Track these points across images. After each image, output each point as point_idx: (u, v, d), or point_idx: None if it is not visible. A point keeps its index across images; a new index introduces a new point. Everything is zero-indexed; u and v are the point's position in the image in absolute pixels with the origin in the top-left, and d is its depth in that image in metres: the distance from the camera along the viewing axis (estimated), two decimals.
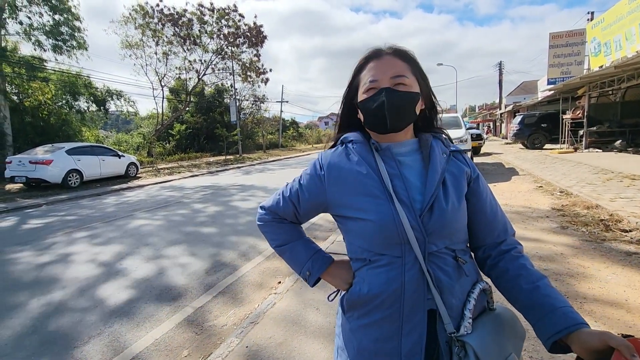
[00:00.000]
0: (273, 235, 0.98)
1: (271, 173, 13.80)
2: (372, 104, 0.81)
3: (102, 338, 2.52)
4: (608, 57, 12.36)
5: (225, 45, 23.26)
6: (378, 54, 0.84)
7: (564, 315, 0.70)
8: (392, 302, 0.77)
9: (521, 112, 22.16)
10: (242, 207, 7.17)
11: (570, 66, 16.79)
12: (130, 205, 7.96)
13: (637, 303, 2.43)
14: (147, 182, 12.21)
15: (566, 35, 16.75)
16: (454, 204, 0.78)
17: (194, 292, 3.24)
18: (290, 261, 0.98)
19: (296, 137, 44.14)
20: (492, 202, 0.88)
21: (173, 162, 20.59)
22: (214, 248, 4.49)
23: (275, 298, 2.89)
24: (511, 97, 39.42)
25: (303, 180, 0.92)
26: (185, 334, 2.53)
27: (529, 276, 0.79)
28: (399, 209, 0.75)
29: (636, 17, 10.23)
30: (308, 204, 0.91)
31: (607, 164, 9.14)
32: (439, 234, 0.76)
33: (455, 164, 0.85)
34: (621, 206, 4.87)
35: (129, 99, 20.79)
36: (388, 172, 0.80)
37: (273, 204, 0.97)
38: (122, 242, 4.94)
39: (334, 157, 0.87)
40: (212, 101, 28.60)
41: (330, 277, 0.92)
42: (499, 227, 0.86)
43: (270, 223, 0.98)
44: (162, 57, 21.52)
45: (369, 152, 0.85)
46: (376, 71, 0.82)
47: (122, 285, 3.43)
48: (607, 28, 12.24)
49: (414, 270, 0.75)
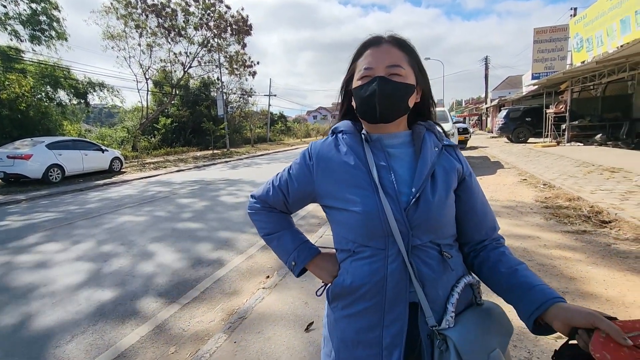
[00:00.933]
0: (262, 224, 0.98)
1: (259, 167, 13.71)
2: (364, 92, 0.80)
3: (86, 336, 2.46)
4: (590, 52, 12.63)
5: (211, 37, 22.84)
6: (377, 41, 0.83)
7: (541, 292, 0.71)
8: (374, 293, 0.77)
9: (506, 106, 22.52)
10: (229, 201, 7.10)
11: (554, 61, 17.10)
12: (115, 200, 7.79)
13: (616, 292, 2.51)
14: (132, 177, 11.96)
15: (550, 31, 17.02)
16: (441, 197, 0.78)
17: (181, 288, 3.20)
18: (277, 250, 0.98)
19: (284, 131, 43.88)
20: (482, 200, 0.88)
21: (159, 157, 20.21)
22: (201, 243, 4.43)
23: (263, 293, 2.88)
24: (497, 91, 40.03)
25: (293, 169, 0.91)
26: (173, 331, 2.50)
27: (508, 262, 0.80)
28: (384, 201, 0.75)
29: (617, 13, 10.45)
30: (297, 194, 0.91)
31: (588, 157, 9.39)
32: (424, 228, 0.76)
33: (447, 158, 0.84)
34: (601, 198, 5.01)
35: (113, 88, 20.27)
36: (376, 164, 0.80)
37: (263, 192, 0.97)
38: (106, 238, 4.83)
39: (323, 147, 0.87)
40: (198, 94, 28.11)
41: (315, 269, 0.93)
42: (487, 224, 0.87)
43: (260, 212, 0.98)
44: (146, 49, 21.02)
45: (359, 143, 0.84)
46: (372, 59, 0.81)
47: (106, 283, 3.36)
48: (589, 24, 12.48)
49: (396, 262, 0.76)
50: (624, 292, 2.49)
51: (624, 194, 5.15)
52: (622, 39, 10.25)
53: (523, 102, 21.42)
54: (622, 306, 2.32)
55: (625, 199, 4.86)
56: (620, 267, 2.91)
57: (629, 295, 2.46)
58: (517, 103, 22.27)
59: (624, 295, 2.45)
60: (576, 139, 13.80)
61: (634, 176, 6.23)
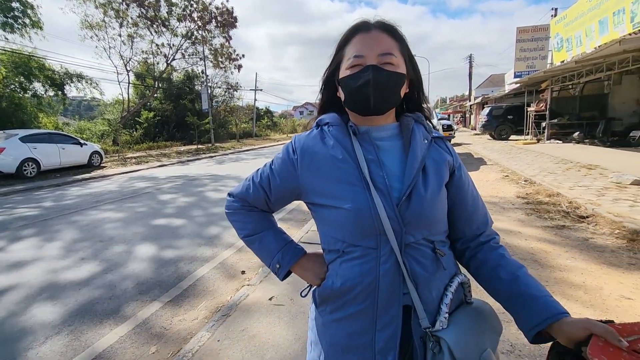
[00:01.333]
0: (241, 225, 0.91)
1: (245, 163, 13.54)
2: (356, 82, 0.74)
3: (61, 338, 2.36)
4: (569, 52, 12.96)
5: (195, 29, 22.30)
6: (366, 27, 0.77)
7: (545, 305, 0.68)
8: (365, 296, 0.73)
9: (489, 104, 22.95)
10: (214, 197, 6.97)
11: (535, 60, 17.51)
12: (94, 196, 7.54)
13: (594, 284, 2.59)
14: (113, 172, 11.61)
15: (532, 30, 17.40)
16: (434, 191, 0.74)
17: (163, 285, 3.11)
18: (259, 252, 0.92)
19: (270, 126, 43.52)
20: (473, 193, 0.84)
21: (141, 151, 19.70)
22: (185, 240, 4.33)
23: (248, 290, 2.83)
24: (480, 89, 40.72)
25: (275, 164, 0.85)
26: (153, 330, 2.43)
27: (508, 266, 0.77)
28: (375, 197, 0.71)
29: (596, 14, 10.74)
30: (280, 191, 0.85)
31: (567, 155, 9.68)
32: (417, 224, 0.72)
33: (437, 150, 0.81)
34: (579, 194, 5.16)
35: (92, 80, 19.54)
36: (365, 157, 0.75)
37: (242, 190, 0.90)
38: (84, 235, 4.66)
39: (308, 141, 0.82)
40: (182, 88, 27.48)
41: (301, 271, 0.88)
42: (479, 219, 0.83)
43: (239, 211, 0.91)
44: (127, 40, 20.32)
45: (346, 136, 0.79)
46: (362, 46, 0.75)
47: (83, 282, 3.24)
48: (569, 24, 12.79)
49: (389, 262, 0.72)
50: (601, 285, 2.57)
51: (600, 190, 5.32)
52: (600, 39, 10.55)
53: (505, 100, 21.88)
54: (599, 299, 2.39)
55: (601, 195, 5.02)
56: (597, 260, 3.00)
57: (605, 288, 2.53)
58: (499, 101, 22.72)
59: (601, 288, 2.53)
60: (555, 136, 14.20)
61: (610, 173, 6.45)
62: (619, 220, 3.82)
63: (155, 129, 24.90)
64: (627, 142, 10.95)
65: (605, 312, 2.22)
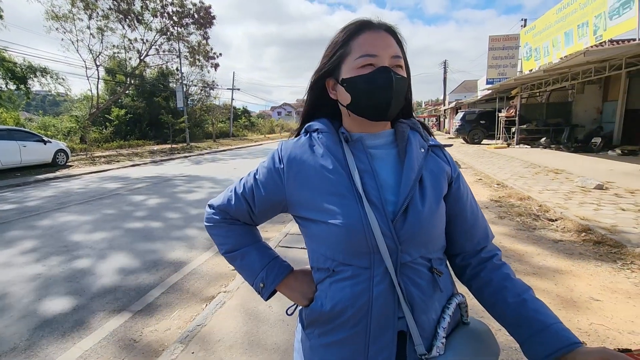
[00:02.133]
0: (222, 239, 0.84)
1: (223, 163, 13.23)
2: (372, 84, 0.68)
3: (17, 354, 2.17)
4: (538, 61, 13.59)
5: (171, 25, 21.65)
6: (374, 25, 0.71)
7: (556, 334, 0.64)
8: (357, 320, 0.68)
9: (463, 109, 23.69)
10: (189, 198, 6.75)
11: (506, 68, 18.24)
12: (59, 198, 7.11)
13: (565, 285, 2.68)
14: (80, 172, 11.03)
15: (503, 39, 18.13)
16: (432, 206, 0.69)
17: (133, 294, 2.95)
18: (242, 270, 0.84)
19: (248, 126, 42.95)
20: (472, 205, 0.79)
21: (111, 150, 18.87)
22: (158, 244, 4.14)
23: (225, 297, 2.73)
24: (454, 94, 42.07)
25: (259, 174, 0.79)
26: (122, 342, 2.28)
27: (514, 288, 0.72)
28: (369, 211, 0.65)
29: (562, 26, 11.32)
30: (264, 203, 0.78)
31: (535, 159, 10.12)
32: (414, 242, 0.67)
33: (435, 160, 0.76)
34: (548, 197, 5.38)
35: (58, 75, 18.49)
36: (358, 167, 0.69)
37: (223, 202, 0.83)
38: (47, 240, 4.36)
39: (296, 149, 0.75)
40: (155, 85, 26.58)
41: (287, 290, 0.81)
42: (479, 232, 0.79)
43: (220, 224, 0.84)
44: (97, 33, 19.43)
45: (337, 143, 0.73)
46: (374, 45, 0.68)
47: (44, 291, 3.02)
48: (538, 35, 13.42)
49: (383, 284, 0.66)
50: (571, 287, 2.66)
51: (567, 194, 5.58)
52: (565, 50, 11.13)
53: (478, 106, 22.67)
54: (570, 301, 2.47)
55: (568, 199, 5.26)
56: (566, 262, 3.11)
57: (575, 290, 2.62)
58: (472, 106, 23.51)
59: (572, 290, 2.62)
60: (524, 141, 14.83)
61: (575, 178, 6.78)
62: (585, 223, 4.00)
63: (127, 127, 23.95)
64: (589, 148, 11.59)
65: (577, 314, 2.30)
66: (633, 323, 2.17)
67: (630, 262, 3.01)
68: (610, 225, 3.91)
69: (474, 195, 0.83)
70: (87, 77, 20.07)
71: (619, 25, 8.33)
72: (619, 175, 6.90)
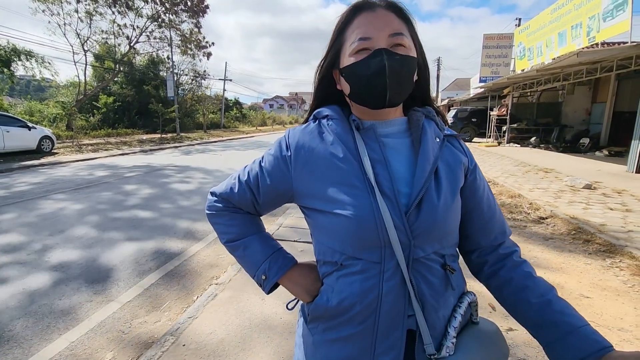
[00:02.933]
0: (224, 228, 0.79)
1: (213, 154, 13.06)
2: (366, 70, 0.63)
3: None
4: (531, 61, 13.72)
5: (163, 12, 21.13)
6: (370, 4, 0.66)
7: (585, 338, 0.59)
8: (365, 317, 0.64)
9: (455, 106, 23.84)
10: (180, 189, 6.64)
11: (499, 67, 18.34)
12: (44, 185, 6.91)
13: (556, 282, 2.71)
14: (66, 159, 10.75)
15: (497, 38, 18.20)
16: (447, 200, 0.65)
17: (122, 284, 2.88)
18: (243, 260, 0.79)
19: (239, 118, 42.44)
20: (489, 198, 0.75)
21: (98, 138, 18.42)
22: (147, 234, 4.06)
23: (216, 289, 2.68)
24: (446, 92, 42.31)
25: (265, 162, 0.74)
26: (110, 334, 2.22)
27: (537, 287, 0.68)
28: (381, 202, 0.61)
29: (556, 26, 11.42)
30: (270, 192, 0.74)
31: (525, 158, 10.25)
32: (428, 237, 0.63)
33: (451, 151, 0.71)
34: (538, 196, 5.45)
35: (44, 59, 17.91)
36: (370, 156, 0.65)
37: (226, 189, 0.78)
38: (32, 228, 4.23)
39: (304, 136, 0.71)
40: (145, 73, 25.99)
41: (290, 284, 0.76)
42: (496, 227, 0.74)
43: (222, 213, 0.79)
44: (85, 17, 18.84)
45: (348, 131, 0.69)
46: (368, 26, 0.63)
47: (28, 280, 2.92)
48: (532, 34, 13.52)
49: (394, 280, 0.62)
50: (562, 284, 2.70)
51: (556, 193, 5.66)
52: (558, 50, 11.24)
53: (470, 104, 22.84)
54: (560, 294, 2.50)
55: (558, 197, 5.33)
56: (557, 260, 3.16)
57: (566, 287, 2.66)
58: (464, 104, 23.68)
59: (562, 287, 2.65)
60: (514, 140, 15.02)
61: (564, 177, 6.89)
62: (575, 222, 4.06)
63: (115, 115, 23.41)
64: (577, 149, 11.79)
65: None
66: (622, 320, 2.21)
67: (619, 261, 3.06)
68: (599, 224, 3.98)
69: (490, 189, 0.78)
70: (74, 62, 19.50)
71: (612, 27, 8.44)
72: (606, 176, 7.04)
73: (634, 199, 5.18)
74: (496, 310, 2.31)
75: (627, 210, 4.58)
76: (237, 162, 10.19)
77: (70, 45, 19.10)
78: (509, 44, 17.52)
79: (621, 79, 11.32)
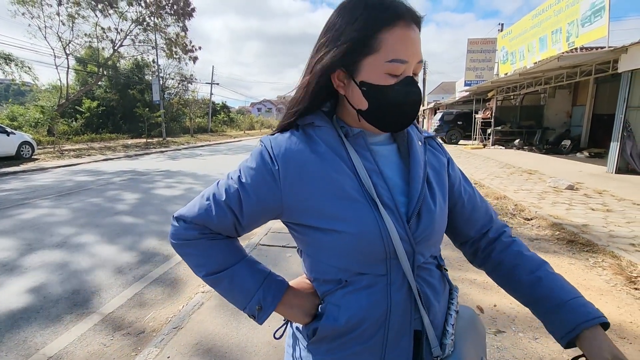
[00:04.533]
0: (202, 259, 0.68)
1: (201, 159, 12.90)
2: (399, 97, 0.59)
3: None
4: (513, 65, 14.06)
5: (147, 15, 20.87)
6: (410, 15, 0.58)
7: (575, 310, 0.61)
8: (374, 330, 0.62)
9: (441, 110, 24.20)
10: (165, 194, 6.51)
11: (483, 71, 18.75)
12: (24, 192, 6.68)
13: None
14: (47, 165, 10.45)
15: (481, 42, 18.61)
16: (441, 204, 0.66)
17: (104, 294, 2.79)
18: (231, 293, 0.69)
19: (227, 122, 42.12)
20: (466, 189, 0.75)
21: (81, 143, 18.02)
22: (131, 241, 3.95)
23: (202, 297, 2.62)
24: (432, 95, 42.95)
25: (246, 177, 0.64)
26: (91, 347, 2.14)
27: (527, 265, 0.69)
28: (384, 215, 0.59)
29: (537, 32, 11.75)
30: (255, 212, 0.65)
31: (510, 160, 10.46)
32: (428, 242, 0.64)
33: (433, 154, 0.72)
34: (523, 197, 5.55)
35: (23, 63, 17.44)
36: (365, 166, 0.62)
37: (200, 213, 0.66)
38: (9, 237, 4.08)
39: (291, 145, 0.63)
40: (130, 77, 25.58)
41: (286, 309, 0.69)
42: (480, 216, 0.75)
43: (197, 242, 0.67)
44: (67, 20, 18.44)
45: (337, 139, 0.64)
46: (407, 48, 0.57)
47: (4, 290, 2.80)
48: (514, 39, 13.88)
49: (402, 290, 0.62)
50: None
51: (540, 194, 5.78)
52: (540, 55, 11.56)
53: (455, 107, 23.21)
54: None
55: (542, 199, 5.44)
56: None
57: None
58: (450, 107, 24.03)
59: None
60: (499, 142, 15.33)
61: (547, 178, 7.04)
62: (559, 222, 4.14)
63: (99, 119, 22.96)
64: (559, 150, 12.11)
65: None
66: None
67: (602, 260, 3.13)
68: (581, 224, 4.07)
69: (466, 176, 0.78)
70: (55, 66, 19.02)
71: (591, 32, 8.72)
72: (587, 177, 7.23)
73: (614, 199, 5.32)
74: (484, 312, 2.32)
75: (608, 210, 4.70)
76: (224, 166, 10.08)
77: (51, 48, 18.64)
78: (493, 48, 17.93)
79: (599, 83, 11.70)
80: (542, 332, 2.09)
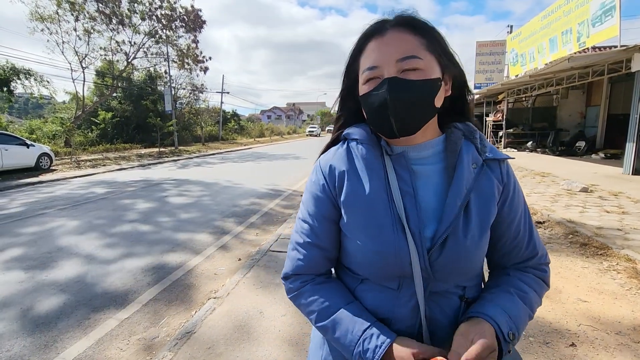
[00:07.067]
0: (308, 307, 0.70)
1: (211, 167, 13.10)
2: (374, 102, 0.61)
3: None
4: (524, 67, 13.90)
5: (160, 28, 21.45)
6: (380, 28, 0.62)
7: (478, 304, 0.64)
8: None
9: None
10: (178, 202, 6.65)
11: (493, 73, 18.58)
12: (43, 202, 6.92)
13: (553, 286, 2.71)
14: (65, 176, 10.77)
15: (490, 45, 18.47)
16: (474, 237, 0.63)
17: (120, 300, 2.87)
18: (337, 344, 0.67)
19: (238, 130, 42.60)
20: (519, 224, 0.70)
21: (97, 154, 18.47)
22: (145, 248, 4.06)
23: (214, 303, 2.68)
24: None
25: (310, 206, 0.71)
26: (108, 351, 2.21)
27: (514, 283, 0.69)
28: (410, 241, 0.61)
29: (547, 33, 11.62)
30: (330, 228, 0.70)
31: (522, 163, 10.30)
32: (450, 273, 0.63)
33: (488, 180, 0.66)
34: (535, 200, 5.47)
35: (42, 78, 18.07)
36: (400, 188, 0.64)
37: (294, 264, 0.72)
38: (30, 246, 4.23)
39: (335, 161, 0.70)
40: (143, 88, 26.22)
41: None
42: (522, 252, 0.71)
43: (302, 292, 0.71)
44: (83, 35, 19.09)
45: (378, 157, 0.67)
46: (377, 54, 0.61)
47: (25, 299, 2.91)
48: (524, 41, 13.74)
49: (408, 306, 0.64)
50: (560, 289, 2.70)
51: (553, 197, 5.68)
52: (550, 56, 11.41)
53: None
54: (559, 303, 2.51)
55: (555, 202, 5.36)
56: (554, 263, 3.16)
57: (564, 291, 2.66)
58: None
59: (560, 292, 2.66)
60: (511, 145, 15.12)
61: (560, 181, 6.92)
62: (572, 225, 4.08)
63: (114, 130, 23.54)
64: (574, 152, 11.88)
65: (565, 315, 2.33)
66: (620, 324, 2.21)
67: (616, 264, 3.07)
68: (595, 227, 3.99)
69: (528, 213, 0.72)
70: (72, 79, 19.66)
71: (602, 32, 8.59)
72: (602, 178, 7.08)
73: (630, 201, 5.20)
74: None
75: (624, 212, 4.60)
76: (233, 174, 10.24)
77: (68, 62, 19.30)
78: (502, 50, 17.77)
79: (614, 82, 11.48)
80: (554, 337, 2.07)
